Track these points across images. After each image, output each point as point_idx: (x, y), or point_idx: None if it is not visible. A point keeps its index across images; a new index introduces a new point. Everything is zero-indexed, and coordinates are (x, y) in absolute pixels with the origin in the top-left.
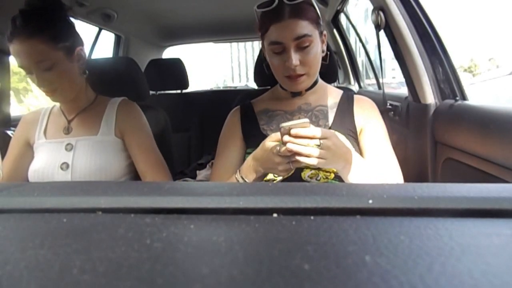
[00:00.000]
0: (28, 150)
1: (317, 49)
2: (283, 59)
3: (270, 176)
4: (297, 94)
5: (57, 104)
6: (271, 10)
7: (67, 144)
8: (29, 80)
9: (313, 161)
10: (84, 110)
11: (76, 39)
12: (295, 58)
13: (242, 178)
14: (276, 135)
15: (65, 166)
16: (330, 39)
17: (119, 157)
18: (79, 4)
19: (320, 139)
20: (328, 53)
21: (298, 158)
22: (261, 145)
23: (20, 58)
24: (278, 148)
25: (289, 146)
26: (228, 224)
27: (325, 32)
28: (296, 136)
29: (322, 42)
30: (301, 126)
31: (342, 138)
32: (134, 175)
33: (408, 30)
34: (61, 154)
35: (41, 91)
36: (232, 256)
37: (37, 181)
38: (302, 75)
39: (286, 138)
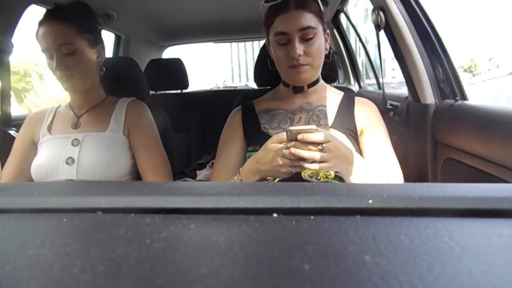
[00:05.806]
0: (33, 149)
1: (321, 42)
2: (287, 49)
3: None
4: (299, 90)
5: (63, 103)
6: (277, 4)
7: (74, 139)
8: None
9: (315, 166)
10: (94, 107)
11: (99, 37)
12: (299, 48)
13: (242, 181)
14: (278, 137)
15: (70, 160)
16: (330, 39)
17: (126, 155)
18: None
19: (323, 143)
20: (331, 51)
21: (301, 163)
22: (263, 146)
23: (46, 40)
24: (284, 151)
25: (293, 150)
26: (228, 224)
27: (328, 30)
28: (302, 142)
29: (325, 40)
30: (308, 131)
31: (342, 137)
32: (137, 174)
33: (408, 30)
34: (66, 148)
35: (57, 77)
36: (232, 256)
37: (40, 177)
38: (305, 65)
39: (290, 143)
